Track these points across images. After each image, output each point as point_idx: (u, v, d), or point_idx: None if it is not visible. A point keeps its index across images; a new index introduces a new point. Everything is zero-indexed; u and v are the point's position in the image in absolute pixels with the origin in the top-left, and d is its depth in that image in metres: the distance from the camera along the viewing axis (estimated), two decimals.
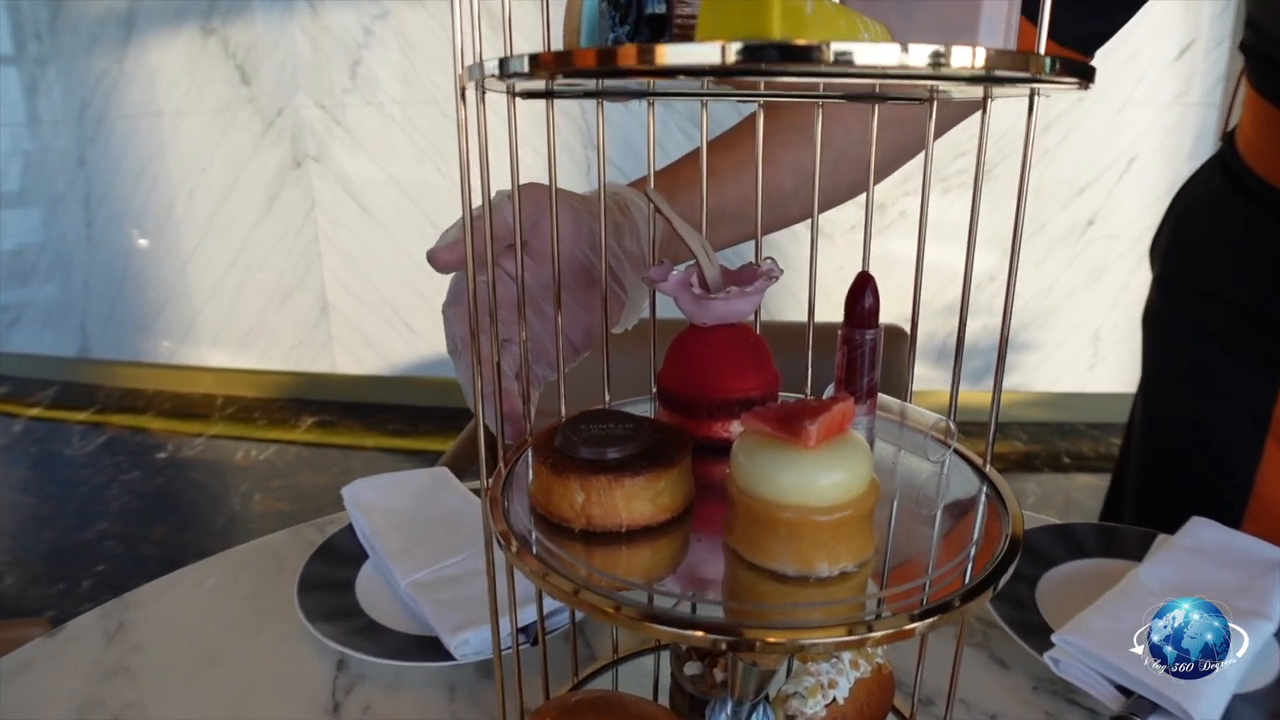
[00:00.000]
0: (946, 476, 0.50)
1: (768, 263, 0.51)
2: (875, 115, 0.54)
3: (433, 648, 0.68)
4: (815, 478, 0.37)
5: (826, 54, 0.29)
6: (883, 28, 0.38)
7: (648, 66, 0.31)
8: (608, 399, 0.59)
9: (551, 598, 0.44)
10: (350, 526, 0.85)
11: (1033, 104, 0.43)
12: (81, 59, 3.37)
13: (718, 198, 0.66)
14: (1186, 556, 0.77)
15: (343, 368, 3.52)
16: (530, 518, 0.45)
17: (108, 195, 3.53)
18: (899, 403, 0.53)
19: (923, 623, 0.37)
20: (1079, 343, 3.23)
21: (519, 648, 0.54)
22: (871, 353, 0.47)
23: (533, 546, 0.43)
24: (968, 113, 0.75)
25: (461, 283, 0.56)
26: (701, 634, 0.37)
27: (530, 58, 0.34)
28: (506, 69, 0.35)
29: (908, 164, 0.79)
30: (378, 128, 3.19)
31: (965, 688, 0.68)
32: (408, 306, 3.38)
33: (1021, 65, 0.32)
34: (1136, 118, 2.96)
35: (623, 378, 0.60)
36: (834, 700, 0.52)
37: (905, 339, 1.24)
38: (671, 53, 0.30)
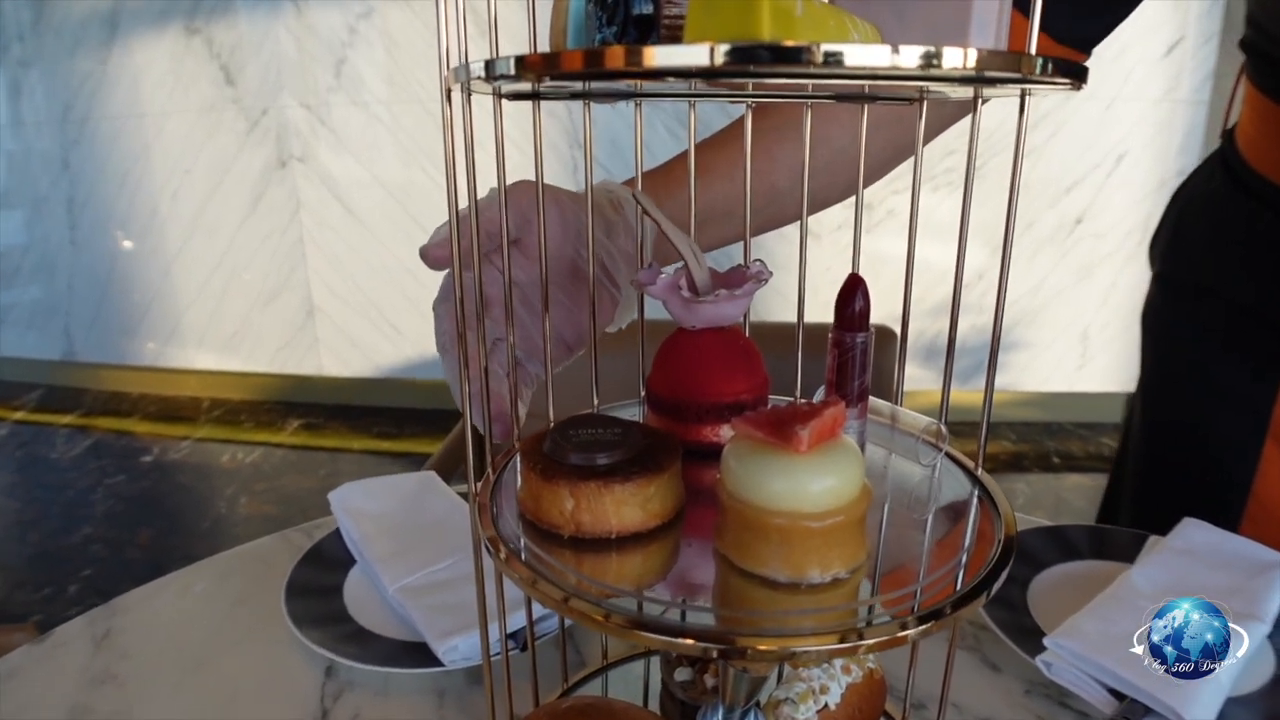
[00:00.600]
0: (938, 480, 0.50)
1: (756, 265, 0.50)
2: (865, 115, 0.54)
3: (421, 654, 0.67)
4: (807, 484, 0.36)
5: (816, 55, 0.28)
6: (873, 28, 0.37)
7: (635, 69, 0.30)
8: (596, 403, 0.58)
9: (541, 605, 0.43)
10: (338, 531, 0.84)
11: (1023, 104, 0.42)
12: (65, 60, 3.34)
13: (709, 196, 0.66)
14: (1178, 558, 0.77)
15: (329, 370, 3.51)
16: (519, 524, 0.45)
17: (92, 197, 3.51)
18: (890, 406, 0.53)
19: (915, 630, 0.37)
20: (1068, 342, 3.24)
21: (508, 654, 0.54)
22: (862, 356, 0.46)
23: (521, 553, 0.42)
24: (963, 113, 0.75)
25: (451, 279, 0.56)
26: (692, 642, 0.36)
27: (516, 60, 0.33)
28: (492, 71, 0.34)
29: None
30: (363, 128, 3.18)
31: (957, 691, 0.68)
32: (394, 308, 3.37)
33: (1013, 66, 0.31)
34: (1125, 115, 2.97)
35: (612, 381, 0.60)
36: (825, 705, 0.51)
37: (894, 339, 1.24)
38: (660, 54, 0.30)
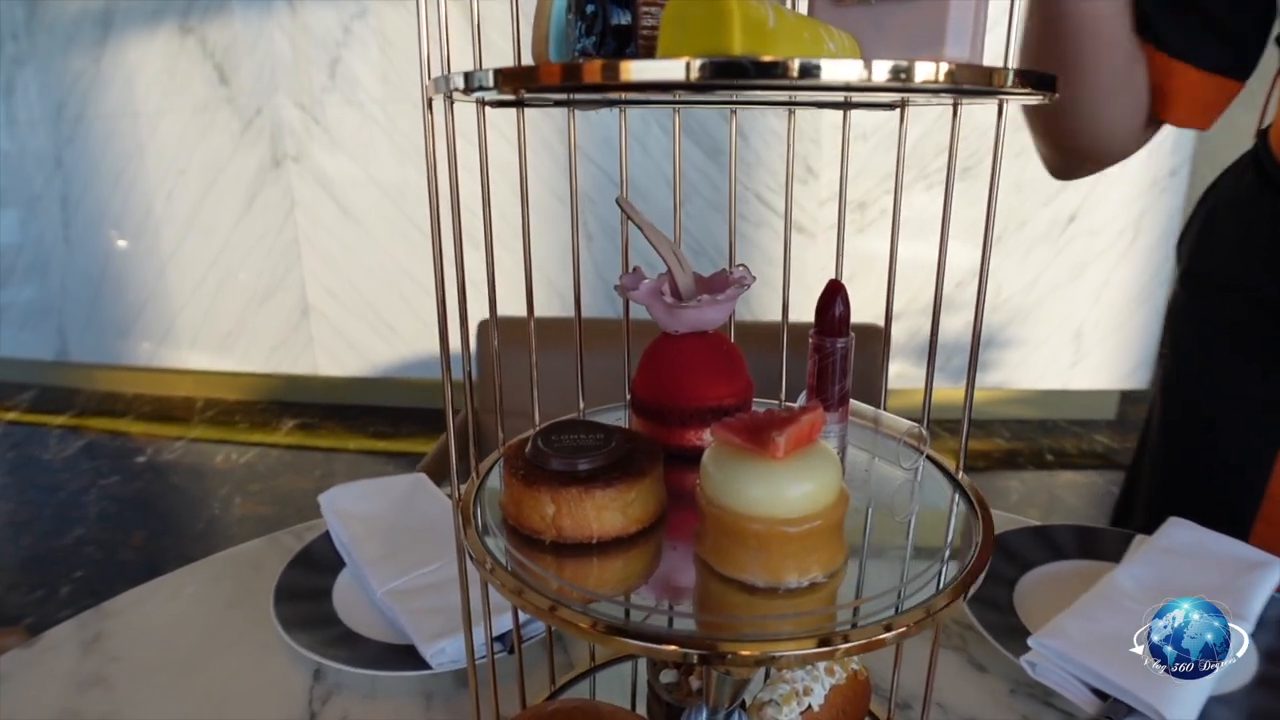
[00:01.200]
0: (920, 483, 0.50)
1: (739, 270, 0.51)
2: (847, 121, 0.54)
3: (409, 657, 0.68)
4: (783, 489, 0.37)
5: (792, 70, 0.29)
6: (851, 39, 0.38)
7: (612, 83, 0.31)
8: (582, 407, 0.59)
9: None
10: (327, 534, 0.84)
11: (1001, 113, 0.43)
12: (58, 59, 3.33)
13: None
14: (1163, 558, 0.78)
15: (324, 369, 3.50)
16: (502, 529, 0.45)
17: (85, 196, 3.50)
18: (873, 410, 0.53)
19: (893, 632, 0.37)
20: (1061, 339, 3.24)
21: (494, 656, 0.54)
22: (843, 360, 0.47)
23: (504, 561, 0.42)
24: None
25: None
26: (674, 648, 0.37)
27: (495, 73, 0.33)
28: (471, 83, 0.34)
29: (889, 160, 0.80)
30: (357, 127, 3.17)
31: (943, 691, 0.68)
32: (389, 308, 3.36)
33: (984, 79, 0.32)
34: None
35: (599, 384, 0.60)
36: (809, 707, 0.52)
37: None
38: (636, 69, 0.30)
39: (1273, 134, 0.86)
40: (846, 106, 0.52)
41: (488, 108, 0.45)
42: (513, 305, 0.63)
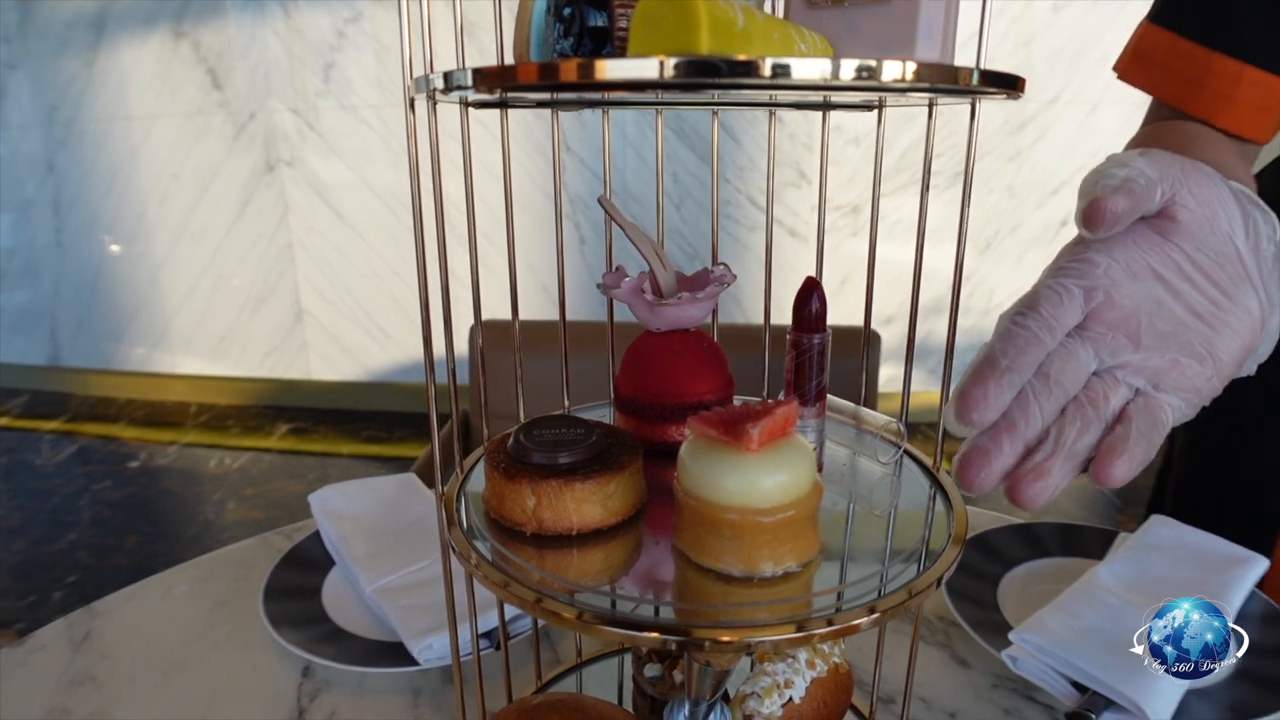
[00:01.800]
0: (898, 478, 0.51)
1: (719, 269, 0.52)
2: (826, 122, 0.55)
3: (397, 653, 0.68)
4: (758, 480, 0.37)
5: (764, 69, 0.29)
6: (824, 40, 0.39)
7: (588, 81, 0.31)
8: (567, 404, 0.59)
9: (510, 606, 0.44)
10: (317, 533, 0.85)
11: (974, 112, 0.44)
12: (51, 62, 3.33)
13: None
14: (1145, 554, 0.79)
15: (317, 374, 3.50)
16: (484, 522, 0.46)
17: (78, 200, 3.50)
18: (852, 405, 0.54)
19: (868, 618, 0.38)
20: None
21: (479, 653, 0.55)
22: (819, 356, 0.47)
23: (486, 553, 0.43)
24: None
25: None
26: (655, 635, 0.37)
27: (474, 71, 0.34)
28: (451, 82, 0.35)
29: (886, 165, 0.79)
30: (351, 131, 3.18)
31: (926, 686, 0.69)
32: (382, 312, 3.37)
33: (950, 78, 0.32)
34: (1108, 119, 2.99)
35: (588, 385, 0.61)
36: (790, 700, 0.52)
37: (878, 340, 1.26)
38: (611, 68, 0.31)
39: None
40: (826, 107, 0.53)
41: (477, 110, 0.46)
42: (507, 308, 0.64)
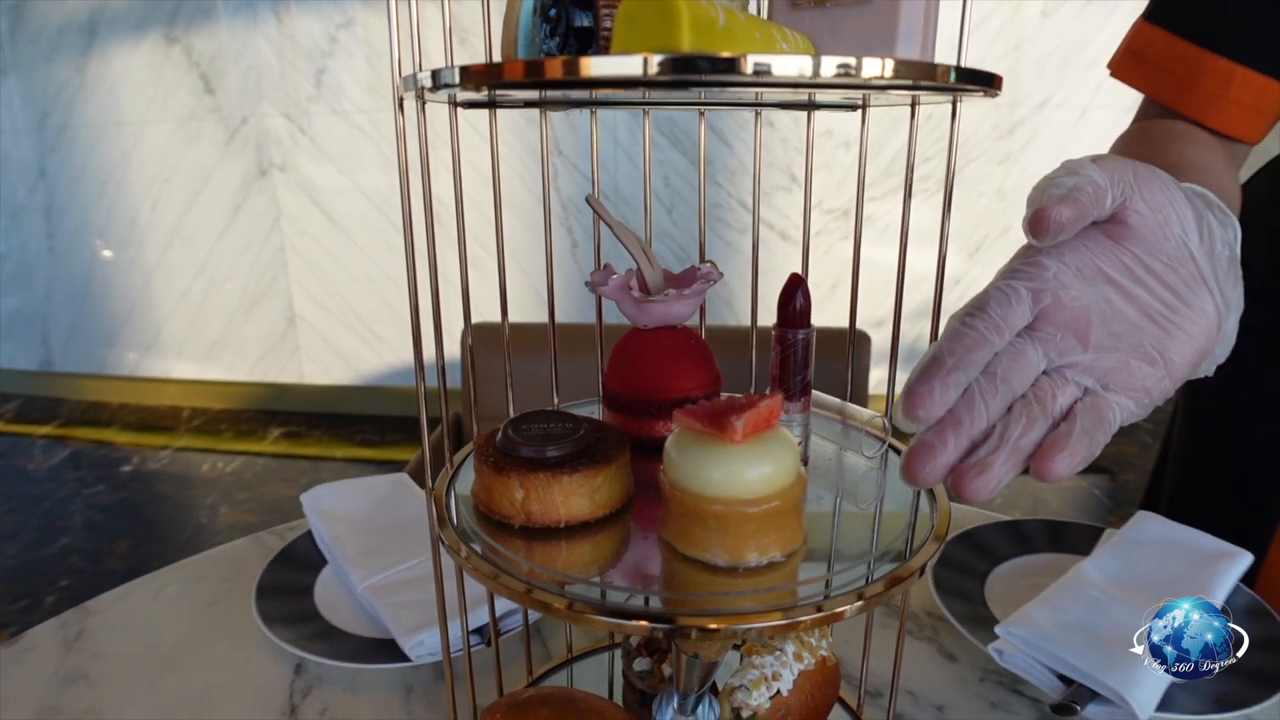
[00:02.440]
0: (883, 472, 0.52)
1: (706, 266, 0.52)
2: (811, 122, 0.56)
3: (389, 650, 0.69)
4: (742, 471, 0.38)
5: (746, 66, 0.30)
6: (806, 39, 0.39)
7: (573, 78, 0.32)
8: (556, 401, 0.60)
9: (500, 596, 0.44)
10: (310, 532, 0.85)
11: (955, 111, 0.44)
12: (42, 68, 3.33)
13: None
14: (1130, 550, 0.79)
15: (310, 378, 3.50)
16: (473, 516, 0.46)
17: (70, 205, 3.49)
18: (838, 401, 0.55)
19: (854, 605, 0.39)
20: None
21: (469, 649, 0.55)
22: (804, 352, 0.48)
23: (475, 545, 0.44)
24: None
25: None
26: (644, 624, 0.38)
27: (461, 70, 0.35)
28: (438, 81, 0.36)
29: (873, 169, 0.79)
30: (344, 136, 3.18)
31: (914, 680, 0.69)
32: (375, 316, 3.37)
33: (928, 75, 0.33)
34: (1097, 122, 3.01)
35: (579, 385, 0.62)
36: (778, 692, 0.53)
37: (868, 342, 1.27)
38: (596, 65, 0.32)
39: None
40: (811, 107, 0.54)
41: (468, 112, 0.47)
42: (499, 310, 0.64)
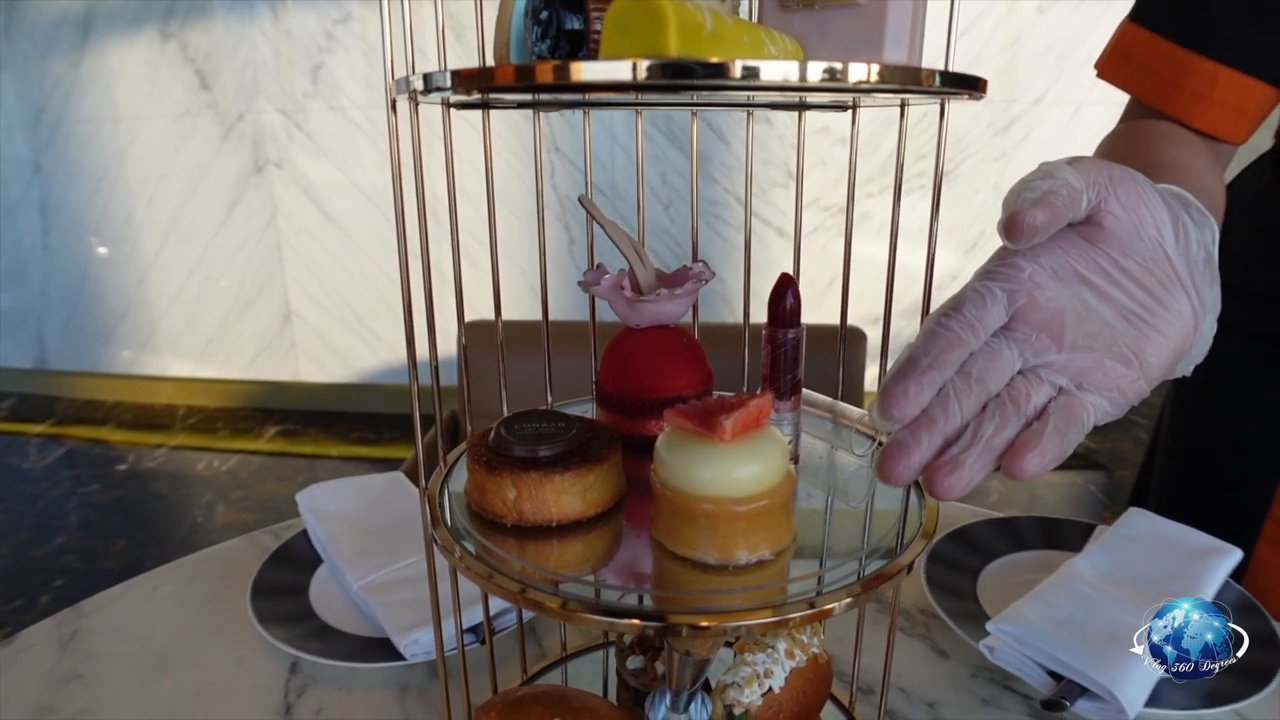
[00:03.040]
0: (873, 470, 0.52)
1: (698, 266, 0.53)
2: (802, 122, 0.56)
3: (384, 649, 0.69)
4: (731, 470, 0.39)
5: (733, 70, 0.31)
6: (794, 42, 0.40)
7: (563, 82, 0.32)
8: (550, 400, 0.60)
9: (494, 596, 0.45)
10: (305, 532, 0.85)
11: (944, 111, 0.45)
12: (37, 63, 3.32)
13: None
14: (1121, 546, 0.80)
15: (306, 376, 3.50)
16: (466, 515, 0.47)
17: (65, 202, 3.48)
18: (829, 400, 0.55)
19: (843, 601, 0.39)
20: None
21: (464, 648, 0.55)
22: (794, 350, 0.48)
23: (468, 544, 0.44)
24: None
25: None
26: (636, 622, 0.38)
27: (453, 74, 0.35)
28: (430, 84, 0.36)
29: (868, 166, 0.80)
30: (340, 132, 3.17)
31: (906, 676, 0.70)
32: (372, 313, 3.37)
33: (914, 79, 0.34)
34: (1093, 119, 3.02)
35: (573, 384, 0.62)
36: (770, 689, 0.53)
37: (863, 340, 1.27)
38: (586, 69, 0.32)
39: None
40: (801, 108, 0.54)
41: (461, 112, 0.47)
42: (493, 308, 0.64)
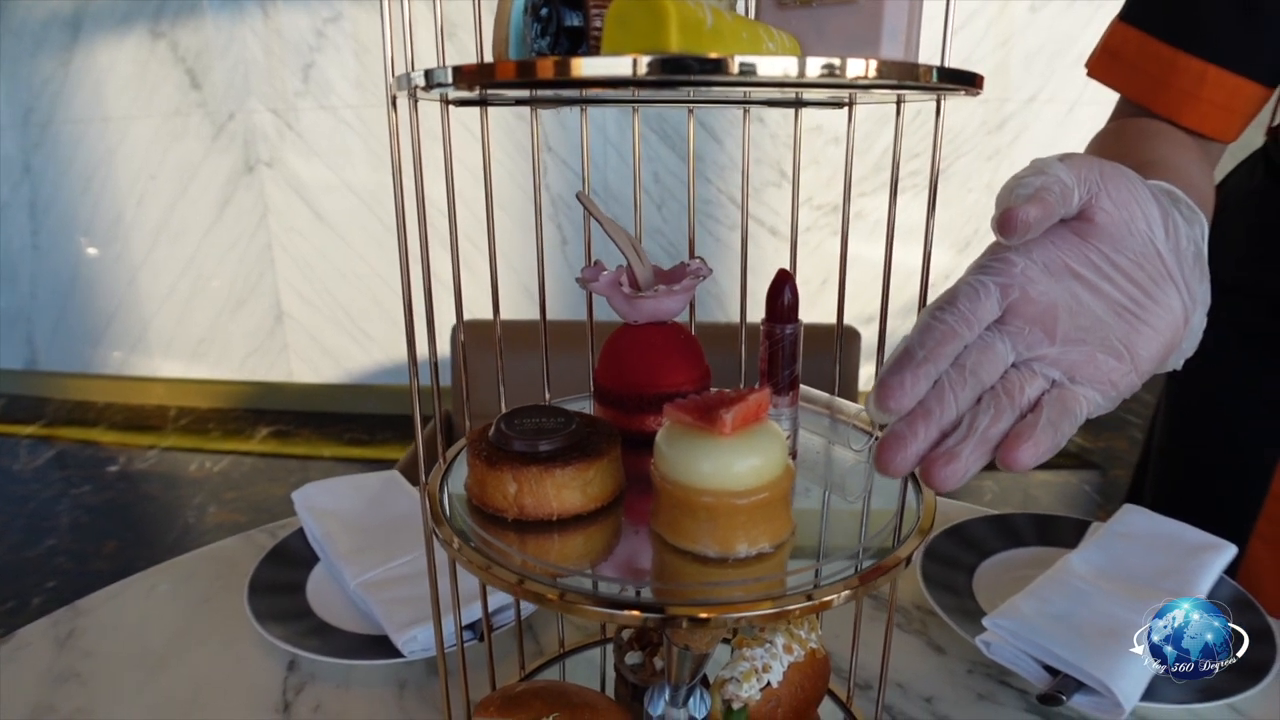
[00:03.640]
0: (870, 465, 0.52)
1: (695, 262, 0.53)
2: (799, 119, 0.56)
3: (382, 646, 0.69)
4: (731, 464, 0.39)
5: (732, 66, 0.31)
6: (792, 39, 0.40)
7: (564, 78, 0.33)
8: (548, 396, 0.60)
9: (493, 587, 0.45)
10: (301, 530, 0.85)
11: (939, 109, 0.45)
12: (26, 63, 3.30)
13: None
14: (1116, 542, 0.80)
15: (298, 376, 3.49)
16: (466, 510, 0.47)
17: (54, 202, 3.47)
18: (827, 396, 0.55)
19: (842, 593, 0.40)
20: None
21: (463, 644, 0.56)
22: (791, 346, 0.49)
23: (468, 538, 0.44)
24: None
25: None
26: (636, 613, 0.39)
27: (455, 70, 0.35)
28: (431, 80, 0.36)
29: (863, 165, 0.80)
30: (331, 132, 3.17)
31: (902, 672, 0.70)
32: (364, 313, 3.36)
33: (911, 75, 0.34)
34: (1086, 118, 3.02)
35: (570, 382, 0.62)
36: (768, 684, 0.54)
37: (858, 339, 1.27)
38: (586, 66, 0.32)
39: None
40: (798, 105, 0.55)
41: (459, 110, 0.47)
42: (489, 307, 0.64)
